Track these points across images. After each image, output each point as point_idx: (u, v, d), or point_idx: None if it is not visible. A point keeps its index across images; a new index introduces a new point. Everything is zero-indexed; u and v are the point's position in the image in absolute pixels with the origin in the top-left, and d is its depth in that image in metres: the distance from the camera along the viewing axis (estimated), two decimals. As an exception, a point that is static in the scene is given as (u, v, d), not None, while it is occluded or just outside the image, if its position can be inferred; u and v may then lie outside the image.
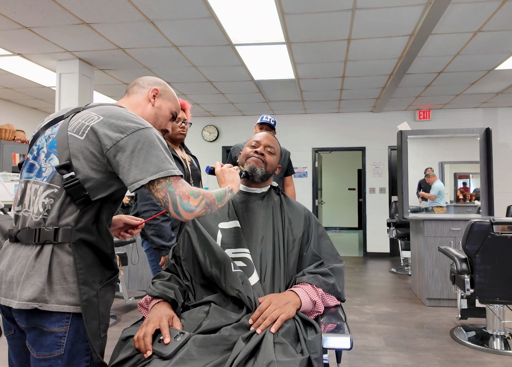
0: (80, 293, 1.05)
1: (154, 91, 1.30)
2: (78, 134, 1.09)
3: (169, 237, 2.16)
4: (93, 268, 1.10)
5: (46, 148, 1.12)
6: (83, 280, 1.06)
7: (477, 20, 3.37)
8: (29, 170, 1.15)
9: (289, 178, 3.22)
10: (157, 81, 1.34)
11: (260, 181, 1.51)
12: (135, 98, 1.30)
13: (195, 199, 1.08)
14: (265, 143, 1.53)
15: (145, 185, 1.06)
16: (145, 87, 1.31)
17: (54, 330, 1.04)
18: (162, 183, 1.06)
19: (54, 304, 1.03)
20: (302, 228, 1.47)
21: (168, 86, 1.37)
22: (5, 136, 5.52)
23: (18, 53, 4.17)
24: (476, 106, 6.56)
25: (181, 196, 1.06)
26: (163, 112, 1.32)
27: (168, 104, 1.33)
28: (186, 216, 1.07)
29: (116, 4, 3.08)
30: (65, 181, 1.06)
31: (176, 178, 1.08)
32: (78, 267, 1.05)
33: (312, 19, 3.36)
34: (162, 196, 1.06)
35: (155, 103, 1.30)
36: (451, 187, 4.71)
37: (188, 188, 1.09)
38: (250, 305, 1.25)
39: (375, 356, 2.69)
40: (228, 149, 7.38)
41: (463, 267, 2.79)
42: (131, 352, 1.12)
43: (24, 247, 1.08)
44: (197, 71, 4.75)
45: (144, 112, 1.28)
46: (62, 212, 1.07)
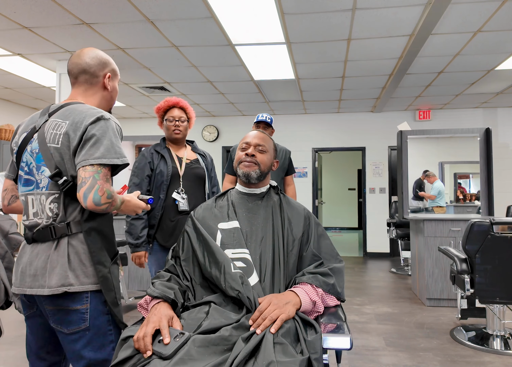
0: (97, 271, 1.26)
1: (108, 78, 1.41)
2: (55, 143, 1.25)
3: (136, 236, 2.22)
4: (102, 250, 1.30)
5: (34, 162, 1.30)
6: (97, 261, 1.27)
7: (477, 20, 3.37)
8: (26, 185, 1.33)
9: (290, 178, 3.20)
10: (104, 62, 1.41)
11: (257, 181, 1.51)
12: (89, 88, 1.39)
13: (106, 198, 1.20)
14: (254, 143, 1.52)
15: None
16: (98, 76, 1.39)
17: (77, 308, 1.25)
18: (94, 167, 1.20)
19: (78, 286, 1.24)
20: (301, 228, 1.47)
21: (110, 60, 1.45)
22: (5, 136, 5.52)
23: (18, 53, 4.17)
24: (476, 106, 6.56)
25: (99, 188, 1.19)
26: (115, 91, 1.47)
27: (117, 80, 1.47)
28: (90, 205, 1.19)
29: (116, 4, 3.08)
30: (61, 186, 1.24)
31: (107, 172, 1.22)
32: (91, 250, 1.26)
33: (312, 19, 3.36)
34: (85, 176, 1.18)
35: (110, 87, 1.43)
36: (451, 187, 4.71)
37: (109, 187, 1.21)
38: (250, 306, 1.25)
39: (375, 356, 2.69)
40: (228, 149, 7.38)
41: (463, 267, 2.79)
42: (131, 352, 1.12)
43: (41, 245, 1.28)
44: (197, 71, 4.75)
45: (102, 99, 1.43)
46: (67, 210, 1.27)
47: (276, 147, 1.62)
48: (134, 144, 5.19)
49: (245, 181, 1.51)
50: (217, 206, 1.54)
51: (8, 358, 2.68)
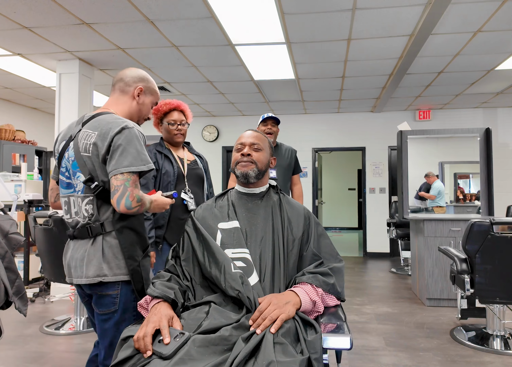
0: (127, 265, 1.42)
1: (139, 90, 1.56)
2: (87, 152, 1.41)
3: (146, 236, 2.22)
4: (133, 246, 1.45)
5: (71, 169, 1.47)
6: (128, 255, 1.42)
7: (477, 20, 3.37)
8: (67, 188, 1.51)
9: (296, 177, 3.18)
10: (141, 77, 1.58)
11: (255, 180, 1.51)
12: (121, 97, 1.56)
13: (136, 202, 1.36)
14: (249, 143, 1.52)
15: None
16: (131, 85, 1.55)
17: (109, 293, 1.43)
18: (124, 175, 1.34)
19: (112, 277, 1.41)
20: (301, 228, 1.47)
21: (150, 80, 1.61)
22: (5, 136, 5.52)
23: (18, 53, 4.17)
24: (476, 106, 6.56)
25: (130, 194, 1.34)
26: (146, 107, 1.61)
27: (150, 99, 1.61)
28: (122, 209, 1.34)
29: (116, 4, 3.08)
30: (93, 190, 1.40)
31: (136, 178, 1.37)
32: (123, 247, 1.42)
33: (312, 19, 3.36)
34: (117, 185, 1.33)
35: (139, 100, 1.57)
36: (451, 187, 4.71)
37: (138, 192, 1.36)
38: (249, 306, 1.25)
39: (375, 356, 2.69)
40: (228, 149, 7.38)
41: (463, 267, 2.79)
42: (131, 352, 1.12)
43: (81, 241, 1.46)
44: (197, 71, 4.75)
45: (130, 109, 1.57)
46: (100, 211, 1.43)
47: (272, 145, 1.62)
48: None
49: (243, 181, 1.51)
50: (217, 206, 1.54)
51: (8, 358, 2.68)
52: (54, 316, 3.59)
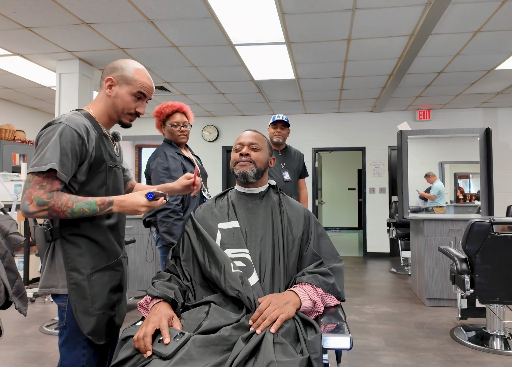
0: (68, 278, 1.28)
1: (109, 81, 1.35)
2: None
3: (179, 236, 2.14)
4: (83, 257, 1.31)
5: None
6: (70, 267, 1.29)
7: (477, 20, 3.37)
8: None
9: (303, 181, 3.21)
10: (114, 67, 1.36)
11: (255, 180, 1.51)
12: (100, 94, 1.40)
13: (37, 206, 1.19)
14: (248, 142, 1.52)
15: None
16: (103, 79, 1.37)
17: (58, 304, 1.32)
18: (28, 177, 1.22)
19: (60, 288, 1.30)
20: (301, 228, 1.47)
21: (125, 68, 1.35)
22: (5, 136, 5.52)
23: (18, 53, 4.17)
24: (476, 106, 6.56)
25: (27, 197, 1.19)
26: (120, 99, 1.35)
27: (126, 89, 1.35)
28: (22, 213, 1.21)
29: (116, 4, 3.08)
30: None
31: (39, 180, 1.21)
32: (66, 257, 1.29)
33: (312, 19, 3.36)
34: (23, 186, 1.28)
35: (111, 93, 1.35)
36: (451, 187, 4.71)
37: (40, 194, 1.19)
38: (249, 306, 1.25)
39: (375, 356, 2.69)
40: (228, 149, 7.38)
41: (463, 267, 2.79)
42: (131, 352, 1.12)
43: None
44: (197, 71, 4.75)
45: (106, 106, 1.37)
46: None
47: (271, 145, 1.63)
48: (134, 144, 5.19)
49: (243, 181, 1.51)
50: (217, 206, 1.54)
51: (8, 358, 2.68)
52: (54, 316, 3.59)
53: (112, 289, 1.37)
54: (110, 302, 1.37)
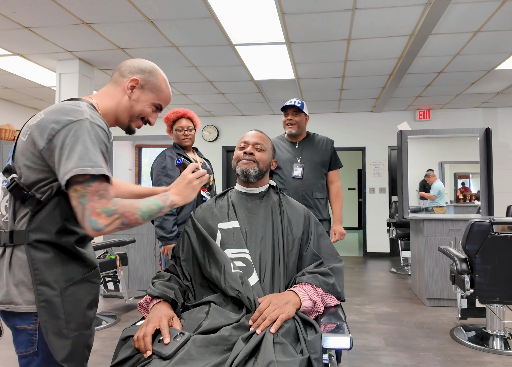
0: (37, 294, 1.03)
1: (133, 82, 1.18)
2: (23, 136, 1.07)
3: (169, 230, 2.41)
4: (55, 267, 1.06)
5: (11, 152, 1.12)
6: (40, 280, 1.04)
7: (477, 20, 3.37)
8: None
9: (334, 173, 2.73)
10: (141, 68, 1.20)
11: (255, 180, 1.51)
12: (111, 89, 1.20)
13: (107, 218, 0.99)
14: (252, 142, 1.53)
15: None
16: (125, 76, 1.19)
17: (25, 327, 1.06)
18: (78, 191, 0.98)
19: (22, 305, 1.04)
20: (301, 228, 1.47)
21: (154, 74, 1.23)
22: (5, 136, 5.52)
23: (18, 53, 4.17)
24: (476, 106, 6.56)
25: (91, 212, 0.98)
26: (140, 105, 1.20)
27: (149, 96, 1.21)
28: (91, 233, 1.00)
29: (116, 4, 3.08)
30: (8, 183, 1.05)
31: (95, 188, 0.99)
32: (34, 268, 1.04)
33: (312, 19, 3.36)
34: (75, 205, 0.99)
35: (132, 95, 1.19)
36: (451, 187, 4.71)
37: (104, 204, 0.99)
38: (249, 306, 1.25)
39: (375, 356, 2.69)
40: (228, 149, 7.38)
41: (463, 267, 2.79)
42: (131, 352, 1.12)
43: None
44: (197, 71, 4.75)
45: (119, 104, 1.19)
46: (16, 214, 1.06)
47: (274, 148, 1.63)
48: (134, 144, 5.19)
49: (243, 179, 1.51)
50: (217, 206, 1.54)
51: (8, 358, 2.68)
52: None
53: (88, 305, 1.14)
54: (87, 321, 1.13)
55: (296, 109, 2.59)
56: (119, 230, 1.04)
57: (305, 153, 2.64)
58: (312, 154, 2.63)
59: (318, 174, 2.62)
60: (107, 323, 3.34)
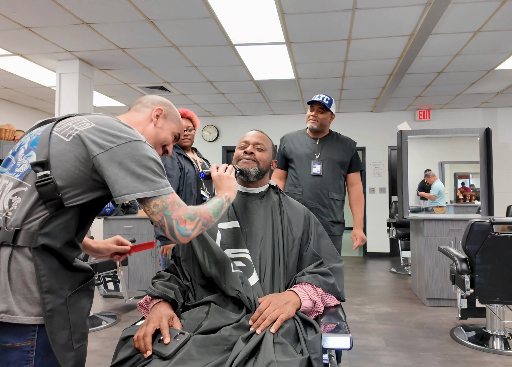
0: (43, 302, 0.95)
1: (158, 111, 1.25)
2: (65, 136, 1.03)
3: None
4: (60, 274, 1.00)
5: (27, 144, 1.06)
6: (47, 288, 0.96)
7: (477, 20, 3.37)
8: (5, 165, 1.08)
9: (354, 176, 2.62)
10: (162, 101, 1.29)
11: (255, 179, 1.51)
12: (136, 116, 1.24)
13: (191, 222, 1.05)
14: (253, 142, 1.53)
15: (138, 202, 1.04)
16: (149, 107, 1.25)
17: (19, 344, 0.95)
18: (159, 205, 1.02)
19: (18, 316, 0.94)
20: (301, 228, 1.47)
21: (173, 107, 1.32)
22: (5, 136, 5.52)
23: (18, 53, 4.17)
24: (476, 106, 6.56)
25: (178, 221, 1.02)
26: (164, 133, 1.26)
27: (171, 126, 1.28)
28: (183, 240, 1.05)
29: (116, 4, 3.08)
30: (37, 179, 0.97)
31: (172, 199, 1.04)
32: (40, 275, 0.95)
33: (312, 19, 3.36)
34: (159, 220, 1.02)
35: (157, 123, 1.24)
36: (451, 187, 4.71)
37: (185, 210, 1.05)
38: (249, 306, 1.25)
39: (375, 356, 2.69)
40: (228, 149, 7.38)
41: (463, 267, 2.79)
42: (131, 352, 1.12)
43: None
44: (197, 71, 4.75)
45: (144, 131, 1.22)
46: (30, 213, 0.97)
47: (275, 148, 1.63)
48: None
49: (243, 178, 1.51)
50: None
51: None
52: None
53: (87, 314, 1.09)
54: (86, 331, 1.08)
55: (323, 106, 2.47)
56: (201, 232, 1.08)
57: (325, 151, 2.54)
58: (332, 152, 2.53)
59: (336, 174, 2.53)
60: (107, 323, 3.34)
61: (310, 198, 2.49)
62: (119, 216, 4.52)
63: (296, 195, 2.50)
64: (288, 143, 2.64)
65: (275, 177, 2.68)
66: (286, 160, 2.64)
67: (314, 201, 2.50)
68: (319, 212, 2.50)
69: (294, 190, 2.53)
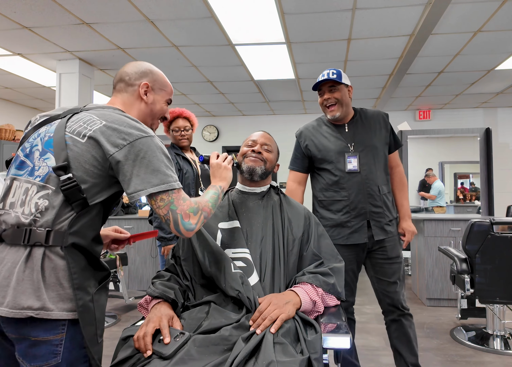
0: (76, 298, 0.99)
1: (144, 87, 1.22)
2: (79, 137, 1.05)
3: (169, 230, 2.35)
4: (86, 272, 1.04)
5: (41, 146, 1.08)
6: (78, 285, 1.00)
7: (477, 20, 3.37)
8: (19, 168, 1.10)
9: (395, 155, 2.11)
10: (144, 72, 1.25)
11: (259, 179, 1.51)
12: (126, 98, 1.22)
13: (195, 216, 1.09)
14: (261, 142, 1.54)
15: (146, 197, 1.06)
16: (134, 84, 1.22)
17: (49, 338, 0.98)
18: (165, 200, 1.06)
19: (53, 312, 0.97)
20: (302, 228, 1.47)
21: (154, 72, 1.28)
22: (5, 136, 5.51)
23: (18, 53, 4.17)
24: (476, 106, 6.56)
25: (183, 215, 1.07)
26: (158, 106, 1.26)
27: (162, 95, 1.27)
28: (187, 234, 1.09)
29: (116, 4, 3.08)
30: (62, 183, 1.01)
31: (178, 194, 1.08)
32: (72, 272, 1.00)
33: (312, 19, 3.36)
34: (164, 214, 1.07)
35: (148, 100, 1.23)
36: (451, 187, 4.71)
37: (189, 204, 1.09)
38: (249, 306, 1.25)
39: (375, 356, 2.69)
40: (228, 149, 7.38)
41: (463, 267, 2.79)
42: (131, 351, 1.12)
43: (10, 248, 1.01)
44: (197, 71, 4.75)
45: (139, 112, 1.22)
46: (59, 214, 1.01)
47: (279, 151, 1.63)
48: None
49: (248, 177, 1.50)
50: (218, 206, 1.54)
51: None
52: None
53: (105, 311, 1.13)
54: (104, 327, 1.11)
55: (332, 83, 1.96)
56: (202, 225, 1.13)
57: (359, 138, 1.99)
58: (368, 135, 1.99)
59: (381, 162, 2.00)
60: (107, 323, 3.34)
61: (361, 201, 1.93)
62: (119, 216, 4.52)
63: (340, 202, 1.95)
64: (310, 140, 2.05)
65: (293, 181, 2.11)
66: (309, 161, 2.07)
67: (366, 204, 1.93)
68: (374, 215, 1.95)
69: (336, 196, 1.96)
